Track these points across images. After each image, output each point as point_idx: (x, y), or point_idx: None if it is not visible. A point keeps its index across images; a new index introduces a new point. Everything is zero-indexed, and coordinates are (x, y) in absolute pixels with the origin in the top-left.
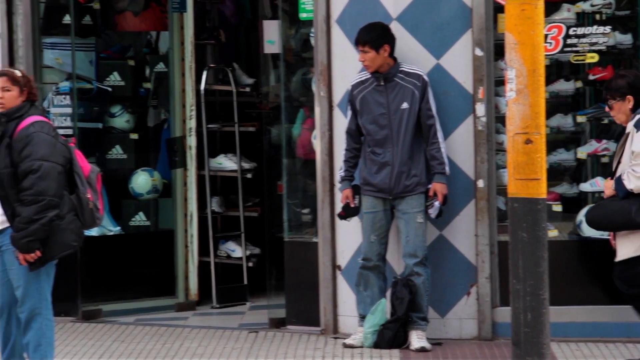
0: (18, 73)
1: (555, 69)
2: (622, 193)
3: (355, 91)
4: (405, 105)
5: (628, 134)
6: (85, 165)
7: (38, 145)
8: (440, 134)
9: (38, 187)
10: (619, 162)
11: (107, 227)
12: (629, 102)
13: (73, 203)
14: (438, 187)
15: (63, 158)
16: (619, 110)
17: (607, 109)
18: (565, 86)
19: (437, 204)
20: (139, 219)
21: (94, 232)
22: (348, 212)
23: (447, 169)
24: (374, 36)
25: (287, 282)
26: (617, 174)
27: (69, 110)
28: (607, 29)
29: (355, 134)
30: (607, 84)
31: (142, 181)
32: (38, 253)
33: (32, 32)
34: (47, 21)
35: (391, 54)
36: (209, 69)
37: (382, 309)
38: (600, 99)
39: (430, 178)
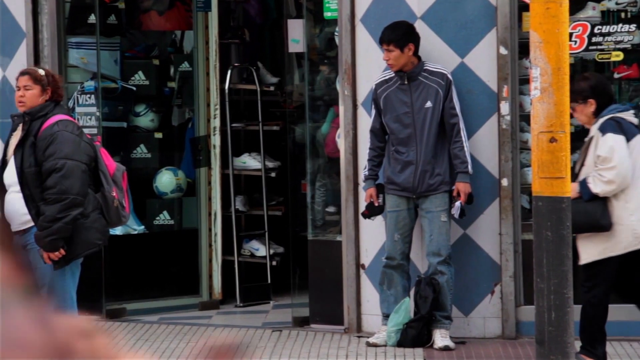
0: (41, 72)
1: (580, 68)
2: (587, 196)
3: (379, 90)
4: (429, 104)
5: (592, 137)
6: (110, 164)
7: (62, 143)
8: (463, 133)
9: (61, 186)
10: (582, 165)
11: (132, 226)
12: (591, 105)
13: (98, 201)
14: (461, 186)
15: (87, 156)
16: (581, 112)
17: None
18: None
19: (458, 204)
20: (163, 218)
21: (118, 231)
22: (372, 211)
23: (469, 167)
24: (399, 35)
25: (311, 281)
26: (581, 177)
27: (93, 109)
28: (633, 27)
29: (379, 132)
30: (571, 86)
31: (166, 180)
32: (62, 251)
33: (58, 31)
34: (72, 20)
35: (415, 53)
36: (233, 68)
37: (406, 308)
38: (625, 97)
39: (454, 177)
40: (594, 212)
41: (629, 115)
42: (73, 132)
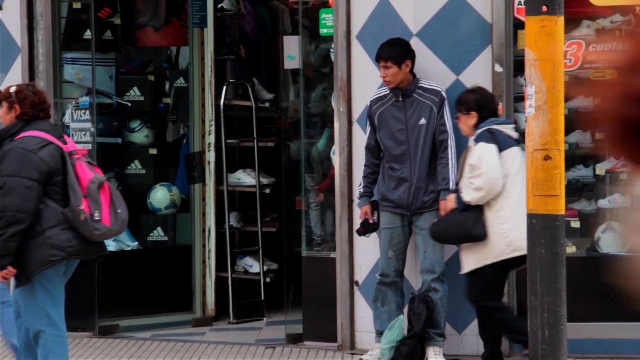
0: (12, 89)
1: (575, 86)
2: (461, 206)
3: (374, 107)
4: (423, 121)
5: (467, 148)
6: (85, 176)
7: (8, 161)
8: (451, 150)
9: (1, 204)
10: (460, 176)
11: (125, 242)
12: (473, 117)
13: (63, 216)
14: (442, 204)
15: (37, 172)
16: (463, 122)
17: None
18: (584, 103)
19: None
20: (157, 234)
21: (111, 247)
22: (367, 229)
23: (451, 184)
24: (397, 52)
25: (305, 298)
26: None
27: (88, 125)
28: (627, 46)
29: (374, 149)
30: (458, 97)
31: (160, 196)
32: (11, 269)
33: (53, 47)
34: (67, 36)
35: (412, 70)
36: (228, 84)
37: (400, 325)
38: None
39: None
40: (466, 223)
41: (506, 128)
42: (25, 149)
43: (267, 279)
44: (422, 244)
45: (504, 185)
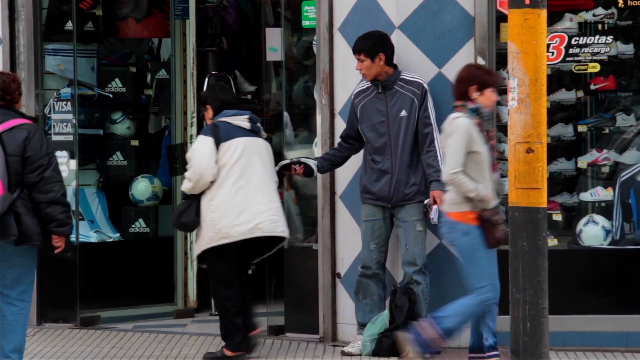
0: None
1: (557, 79)
2: (183, 195)
3: (357, 99)
4: (403, 113)
5: None
6: None
7: None
8: (437, 143)
9: None
10: None
11: (107, 233)
12: (209, 111)
13: None
14: (436, 193)
15: None
16: (205, 117)
17: None
18: (566, 96)
19: (435, 207)
20: (139, 225)
21: (93, 238)
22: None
23: (442, 175)
24: (369, 45)
25: (286, 290)
26: None
27: (70, 116)
28: (609, 39)
29: (351, 140)
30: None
31: (142, 188)
32: None
33: (34, 38)
34: (49, 27)
35: (389, 63)
36: (210, 76)
37: (383, 319)
38: (601, 109)
39: (429, 187)
40: (179, 211)
41: (237, 120)
42: None
43: (249, 271)
44: (403, 236)
45: (219, 176)
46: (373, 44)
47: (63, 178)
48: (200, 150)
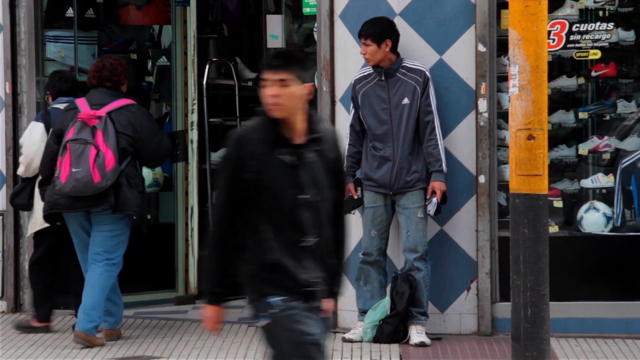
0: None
1: (558, 65)
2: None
3: (358, 86)
4: (406, 100)
5: None
6: (67, 137)
7: None
8: (438, 131)
9: None
10: None
11: None
12: (48, 96)
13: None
14: (436, 184)
15: (52, 131)
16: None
17: None
18: (567, 82)
19: (435, 200)
20: None
21: None
22: (351, 205)
23: (444, 166)
24: (377, 30)
25: None
26: None
27: None
28: (610, 25)
29: (359, 129)
30: None
31: (143, 175)
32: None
33: (35, 25)
34: (50, 14)
35: (393, 50)
36: (211, 63)
37: (384, 306)
38: (602, 95)
39: (430, 174)
40: (13, 193)
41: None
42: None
43: None
44: (404, 223)
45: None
46: (381, 30)
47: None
48: (31, 136)
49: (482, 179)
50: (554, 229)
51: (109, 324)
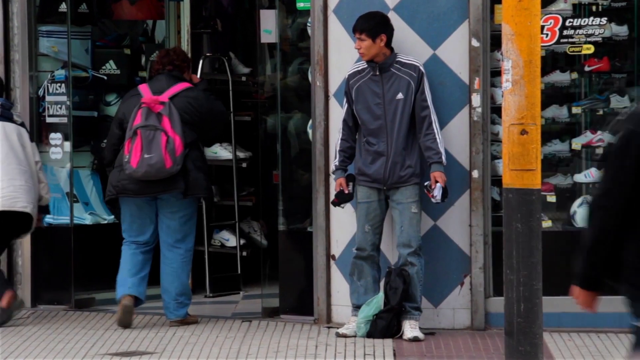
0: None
1: (551, 60)
2: None
3: (352, 81)
4: (400, 95)
5: None
6: (135, 123)
7: None
8: (435, 125)
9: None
10: None
11: (101, 215)
12: None
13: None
14: (437, 174)
15: (116, 119)
16: None
17: None
18: (560, 77)
19: (439, 185)
20: None
21: (87, 220)
22: (342, 199)
23: (443, 158)
24: (372, 25)
25: (281, 272)
26: None
27: (64, 98)
28: (603, 20)
29: (352, 123)
30: None
31: None
32: None
33: (28, 19)
34: (43, 9)
35: (388, 44)
36: (205, 58)
37: (378, 301)
38: (595, 90)
39: (424, 169)
40: None
41: None
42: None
43: (244, 253)
44: (398, 218)
45: None
46: (376, 24)
47: (57, 160)
48: None
49: (475, 173)
50: (547, 223)
51: (116, 293)
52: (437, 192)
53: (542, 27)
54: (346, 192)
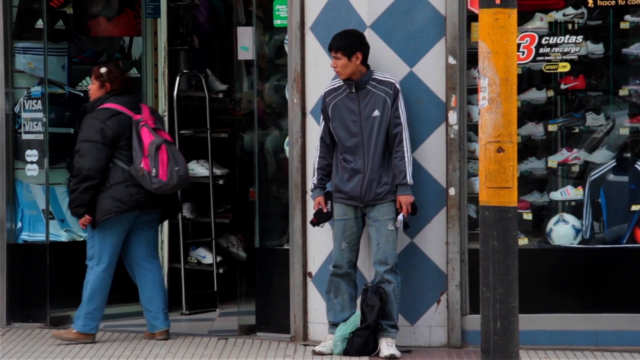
0: (103, 70)
1: (527, 78)
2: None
3: (328, 98)
4: (376, 112)
5: None
6: (147, 140)
7: (84, 129)
8: (406, 143)
9: (77, 164)
10: None
11: (77, 232)
12: None
13: (128, 174)
14: (402, 199)
15: (108, 138)
16: None
17: None
18: (537, 95)
19: (400, 217)
20: None
21: (63, 237)
22: (320, 218)
23: (408, 178)
24: (347, 43)
25: (258, 289)
26: None
27: (40, 115)
28: (579, 38)
29: (329, 141)
30: None
31: None
32: (87, 217)
33: (5, 36)
34: (19, 25)
35: (364, 62)
36: (182, 75)
37: (355, 320)
38: (571, 108)
39: None
40: None
41: None
42: (98, 118)
43: (220, 270)
44: (375, 235)
45: None
46: (351, 43)
47: (33, 176)
48: None
49: (452, 191)
50: (523, 241)
51: (89, 328)
52: (399, 225)
53: (519, 45)
54: (325, 210)
